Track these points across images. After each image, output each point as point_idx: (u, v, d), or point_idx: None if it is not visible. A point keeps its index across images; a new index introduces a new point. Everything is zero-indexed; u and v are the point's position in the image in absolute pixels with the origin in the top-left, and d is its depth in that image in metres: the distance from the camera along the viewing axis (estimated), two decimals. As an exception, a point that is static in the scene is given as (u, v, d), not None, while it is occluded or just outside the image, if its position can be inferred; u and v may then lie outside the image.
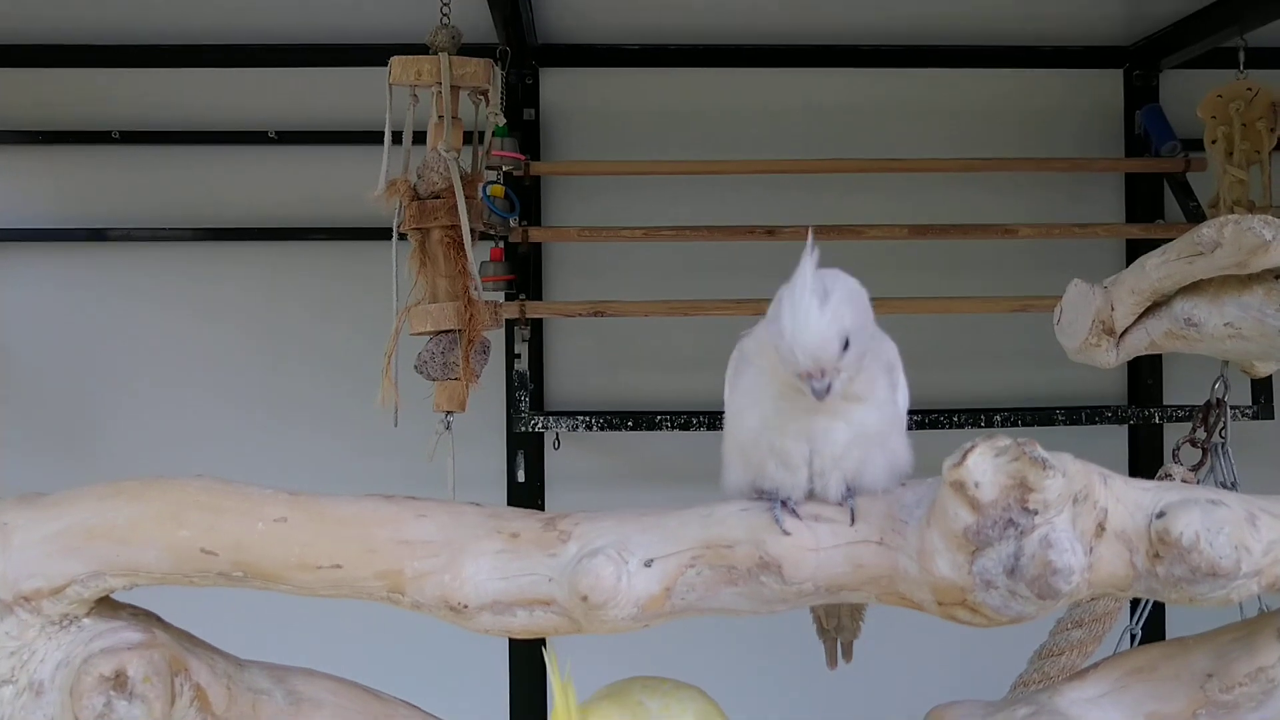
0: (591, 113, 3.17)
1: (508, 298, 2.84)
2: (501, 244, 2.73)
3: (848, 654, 1.28)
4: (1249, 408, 2.83)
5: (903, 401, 1.13)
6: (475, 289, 2.28)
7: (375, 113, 2.24)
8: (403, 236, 2.29)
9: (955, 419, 2.88)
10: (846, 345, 1.02)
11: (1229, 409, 1.84)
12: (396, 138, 2.27)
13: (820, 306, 1.02)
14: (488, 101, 2.35)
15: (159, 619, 1.19)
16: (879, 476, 1.10)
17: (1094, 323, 1.46)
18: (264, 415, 3.11)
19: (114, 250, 3.11)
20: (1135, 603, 2.01)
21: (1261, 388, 2.84)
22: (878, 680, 3.08)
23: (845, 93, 3.19)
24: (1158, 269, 1.34)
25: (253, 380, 3.12)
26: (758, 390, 1.10)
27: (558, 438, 3.09)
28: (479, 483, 2.97)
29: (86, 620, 1.14)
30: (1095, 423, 2.99)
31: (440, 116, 2.25)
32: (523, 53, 2.97)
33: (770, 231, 2.86)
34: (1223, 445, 1.86)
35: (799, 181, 3.06)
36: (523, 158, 2.80)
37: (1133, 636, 2.01)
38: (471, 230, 2.25)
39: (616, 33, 3.10)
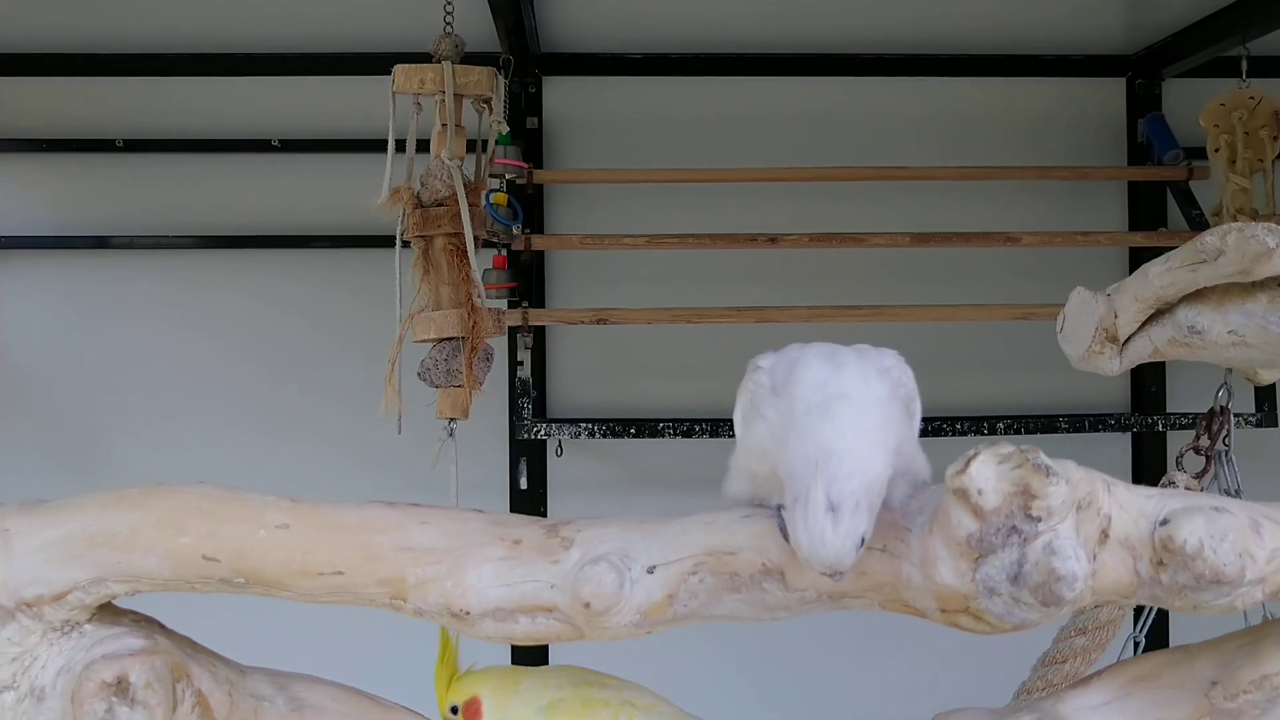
0: (594, 121, 3.18)
1: (511, 305, 2.85)
2: (504, 252, 2.74)
3: None
4: (1252, 415, 2.83)
5: (917, 424, 1.11)
6: (479, 296, 2.28)
7: (378, 121, 2.24)
8: (406, 244, 2.29)
9: (958, 427, 2.88)
10: (864, 540, 1.00)
11: (1232, 416, 1.84)
12: (400, 146, 2.27)
13: (834, 526, 0.98)
14: (491, 110, 2.35)
15: (161, 625, 1.18)
16: (898, 500, 1.08)
17: (1097, 330, 1.46)
18: (267, 422, 3.11)
19: (117, 258, 3.12)
20: (1138, 610, 2.01)
21: (1265, 395, 2.84)
22: (881, 688, 3.08)
23: (847, 101, 3.19)
24: (1161, 276, 1.34)
25: (255, 387, 3.12)
26: (770, 448, 1.06)
27: (560, 445, 3.09)
28: (481, 490, 2.97)
29: (88, 626, 1.14)
30: (1098, 430, 2.99)
31: (444, 124, 2.25)
32: (526, 61, 2.98)
33: (773, 240, 2.86)
34: (1226, 453, 1.85)
35: (802, 190, 3.06)
36: (525, 166, 2.81)
37: (1136, 644, 2.01)
38: (475, 238, 2.25)
39: (619, 41, 3.10)
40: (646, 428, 2.90)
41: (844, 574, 1.01)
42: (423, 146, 2.29)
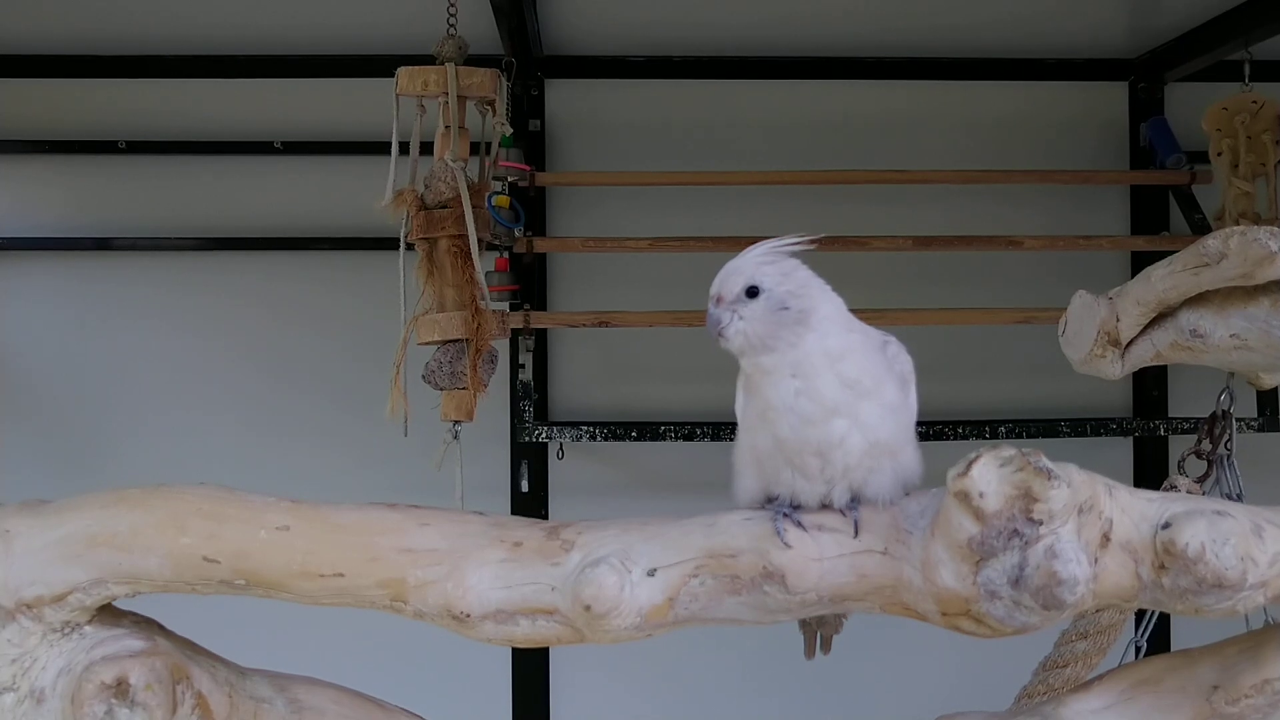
0: (597, 123, 3.18)
1: (512, 308, 2.84)
2: (506, 254, 2.73)
3: (826, 647, 1.28)
4: (1254, 420, 2.82)
5: (913, 411, 1.14)
6: (483, 298, 2.28)
7: (382, 123, 2.24)
8: (410, 246, 2.29)
9: (960, 430, 2.87)
10: (755, 294, 1.09)
11: (1234, 421, 1.84)
12: (403, 148, 2.27)
13: (745, 255, 1.13)
14: (494, 112, 2.35)
15: (161, 627, 1.18)
16: (885, 486, 1.10)
17: (1099, 334, 1.45)
18: (269, 423, 3.11)
19: (119, 259, 3.12)
20: (1140, 615, 2.00)
21: (1267, 400, 2.83)
22: (881, 691, 3.08)
23: (850, 105, 3.19)
24: (1163, 280, 1.34)
25: (258, 389, 3.12)
26: (762, 410, 1.11)
27: (561, 448, 3.09)
28: (483, 492, 2.96)
29: (88, 628, 1.14)
30: (1100, 434, 2.99)
31: (447, 126, 2.25)
32: (528, 64, 2.98)
33: (775, 243, 2.86)
34: (1228, 457, 1.85)
35: (804, 192, 3.06)
36: (528, 168, 2.81)
37: (1137, 648, 2.00)
38: (478, 240, 2.25)
39: (622, 44, 3.10)
40: (648, 430, 2.90)
41: (718, 322, 1.10)
42: (426, 149, 2.29)
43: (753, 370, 1.12)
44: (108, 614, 1.16)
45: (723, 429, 2.85)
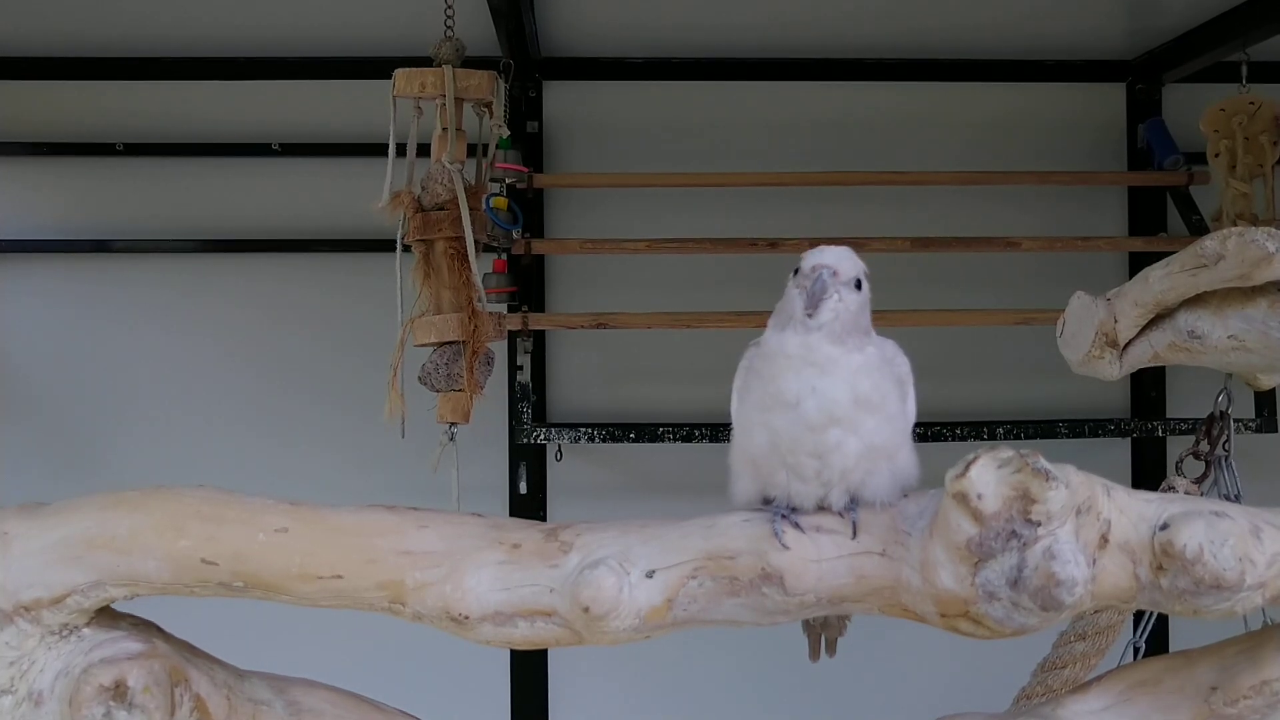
0: (594, 125, 3.18)
1: (510, 310, 2.84)
2: (504, 256, 2.74)
3: (831, 649, 1.28)
4: (1252, 420, 2.82)
5: (911, 415, 1.15)
6: (479, 300, 2.28)
7: (379, 125, 2.24)
8: (407, 248, 2.29)
9: (958, 431, 2.88)
10: (859, 286, 1.12)
11: (1232, 422, 1.84)
12: (400, 150, 2.27)
13: (849, 252, 1.14)
14: (491, 114, 2.35)
15: (159, 629, 1.18)
16: (882, 488, 1.10)
17: (1097, 335, 1.46)
18: (267, 425, 3.11)
19: (117, 261, 3.12)
20: (1138, 616, 2.01)
21: (1265, 401, 2.83)
22: (880, 693, 3.08)
23: (848, 106, 3.19)
24: (1161, 281, 1.34)
25: (256, 390, 3.12)
26: (766, 406, 1.11)
27: (560, 450, 3.09)
28: (481, 494, 2.97)
29: (86, 630, 1.14)
30: (1098, 435, 2.99)
31: (444, 128, 2.25)
32: (526, 65, 2.98)
33: (773, 244, 2.86)
34: (1226, 458, 1.85)
35: (802, 194, 3.06)
36: (526, 170, 2.81)
37: (1136, 649, 2.01)
38: (475, 242, 2.25)
39: (620, 46, 3.10)
40: (646, 432, 2.90)
41: (822, 292, 1.11)
42: (423, 150, 2.29)
43: (797, 349, 1.10)
44: (106, 616, 1.16)
45: (721, 430, 2.85)
